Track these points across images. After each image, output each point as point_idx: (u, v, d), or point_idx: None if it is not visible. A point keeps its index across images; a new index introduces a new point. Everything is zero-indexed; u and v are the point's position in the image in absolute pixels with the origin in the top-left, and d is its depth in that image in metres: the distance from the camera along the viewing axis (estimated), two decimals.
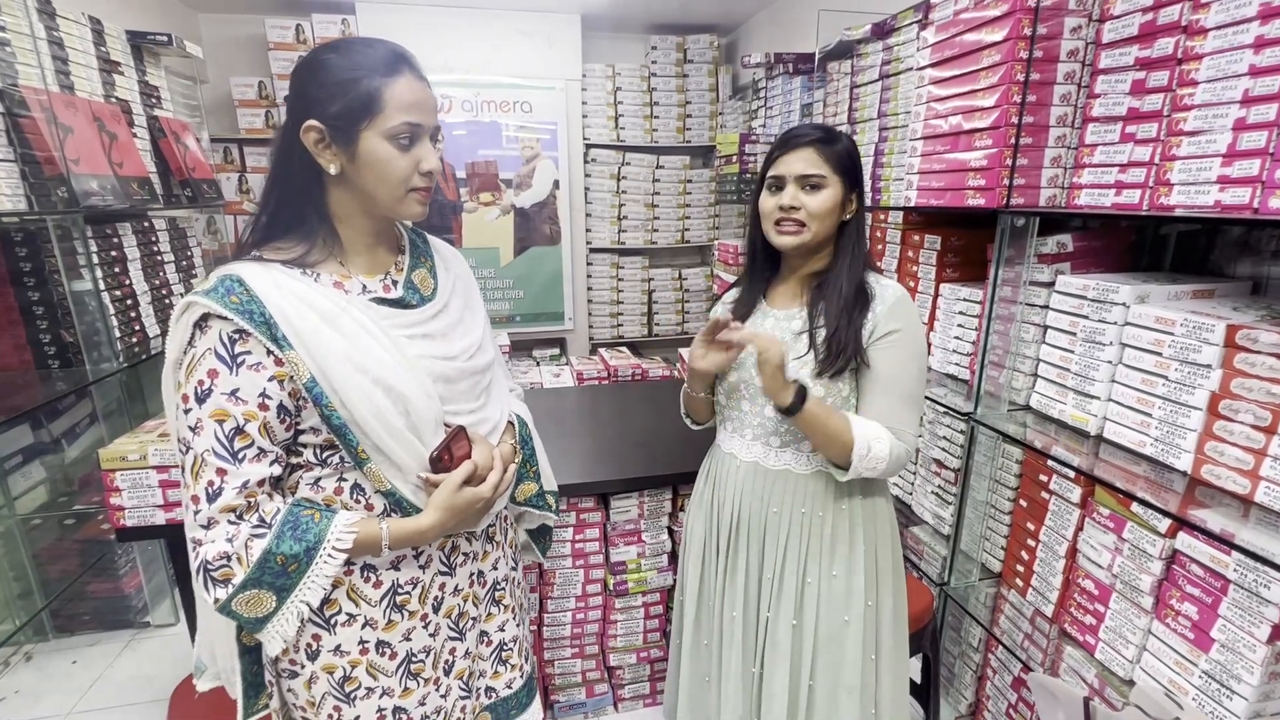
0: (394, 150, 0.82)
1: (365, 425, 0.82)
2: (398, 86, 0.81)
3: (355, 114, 0.80)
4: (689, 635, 1.27)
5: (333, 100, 0.80)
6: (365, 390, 0.82)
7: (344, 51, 0.82)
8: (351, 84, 0.80)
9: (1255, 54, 0.99)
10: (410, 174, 0.84)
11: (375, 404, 0.82)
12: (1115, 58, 1.22)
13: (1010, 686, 1.61)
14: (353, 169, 0.83)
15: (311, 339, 0.80)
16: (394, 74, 0.81)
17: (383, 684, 0.91)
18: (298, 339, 0.80)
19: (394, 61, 0.82)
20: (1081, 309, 1.30)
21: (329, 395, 0.81)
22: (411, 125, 0.82)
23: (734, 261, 3.05)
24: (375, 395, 0.82)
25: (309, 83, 0.81)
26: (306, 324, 0.80)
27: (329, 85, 0.80)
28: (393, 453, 0.84)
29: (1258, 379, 1.01)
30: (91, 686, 1.89)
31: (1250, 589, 1.04)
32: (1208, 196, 1.06)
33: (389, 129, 0.81)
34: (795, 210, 1.07)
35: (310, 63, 0.83)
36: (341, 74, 0.80)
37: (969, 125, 1.42)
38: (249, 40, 3.18)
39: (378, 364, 0.83)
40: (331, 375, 0.80)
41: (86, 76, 2.01)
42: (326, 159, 0.82)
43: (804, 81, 2.54)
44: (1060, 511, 1.42)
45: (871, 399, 1.08)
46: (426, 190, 0.87)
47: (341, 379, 0.81)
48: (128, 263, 2.09)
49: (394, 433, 0.84)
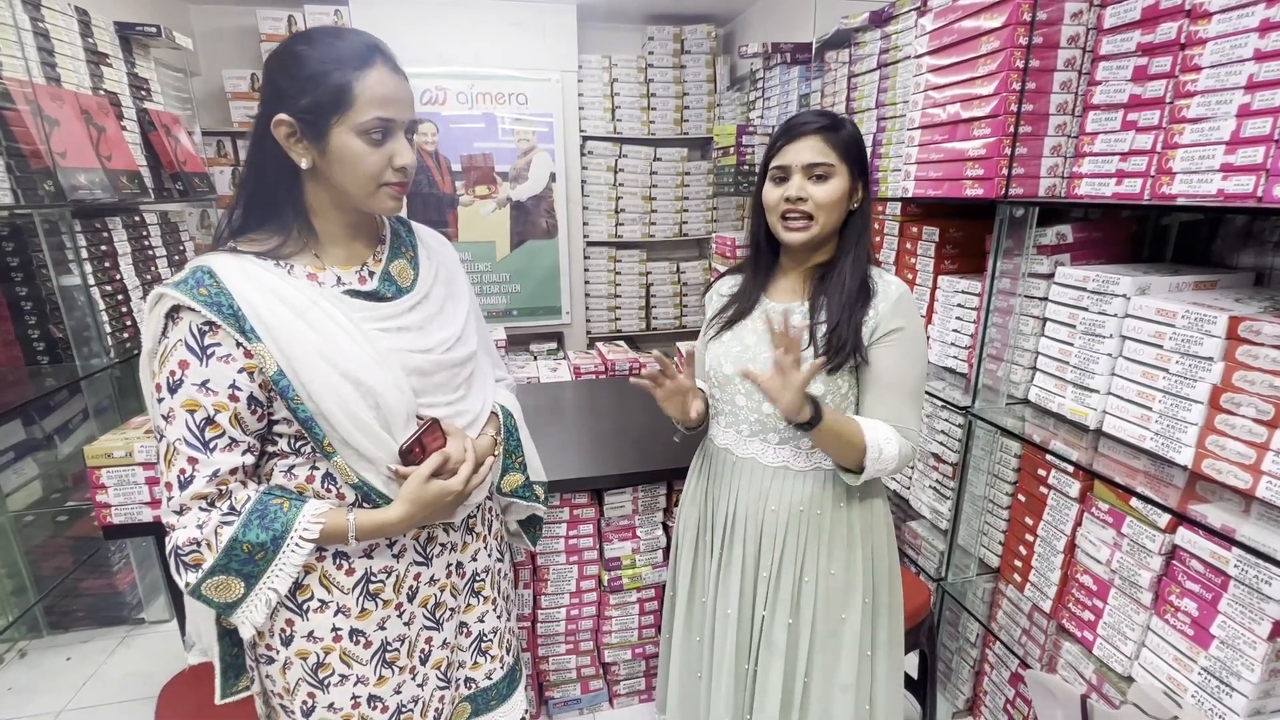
0: (365, 146, 0.81)
1: (332, 418, 0.82)
2: (369, 80, 0.79)
3: (325, 108, 0.79)
4: (680, 630, 1.26)
5: (303, 94, 0.78)
6: (333, 384, 0.81)
7: (315, 43, 0.80)
8: (322, 77, 0.78)
9: (1260, 38, 0.96)
10: (382, 170, 0.83)
11: (342, 397, 0.82)
12: (1117, 43, 1.20)
13: (1008, 682, 1.60)
14: (324, 163, 0.82)
15: (279, 331, 0.80)
16: (365, 67, 0.80)
17: (356, 672, 0.91)
18: (266, 331, 0.79)
19: (366, 54, 0.80)
20: (1081, 301, 1.28)
21: (296, 388, 0.81)
22: (383, 120, 0.81)
23: (732, 254, 3.03)
24: (343, 389, 0.82)
25: (279, 75, 0.80)
26: (275, 316, 0.80)
27: (299, 78, 0.79)
28: (360, 446, 0.84)
29: (1260, 371, 0.99)
30: (85, 683, 1.88)
31: (1251, 585, 1.02)
32: (1211, 185, 1.03)
33: (360, 124, 0.79)
34: (802, 201, 1.03)
35: (281, 54, 0.81)
36: (312, 66, 0.79)
37: (967, 114, 1.40)
38: (241, 32, 3.14)
39: (346, 357, 0.82)
40: (299, 368, 0.80)
41: (73, 68, 1.98)
42: (297, 153, 0.81)
43: (802, 71, 2.51)
44: (1059, 506, 1.40)
45: (875, 397, 1.06)
46: (400, 185, 0.86)
47: (308, 372, 0.80)
48: (118, 257, 2.07)
49: (362, 426, 0.83)
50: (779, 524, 1.11)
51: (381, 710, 0.93)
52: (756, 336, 1.11)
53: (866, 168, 1.06)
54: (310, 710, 0.91)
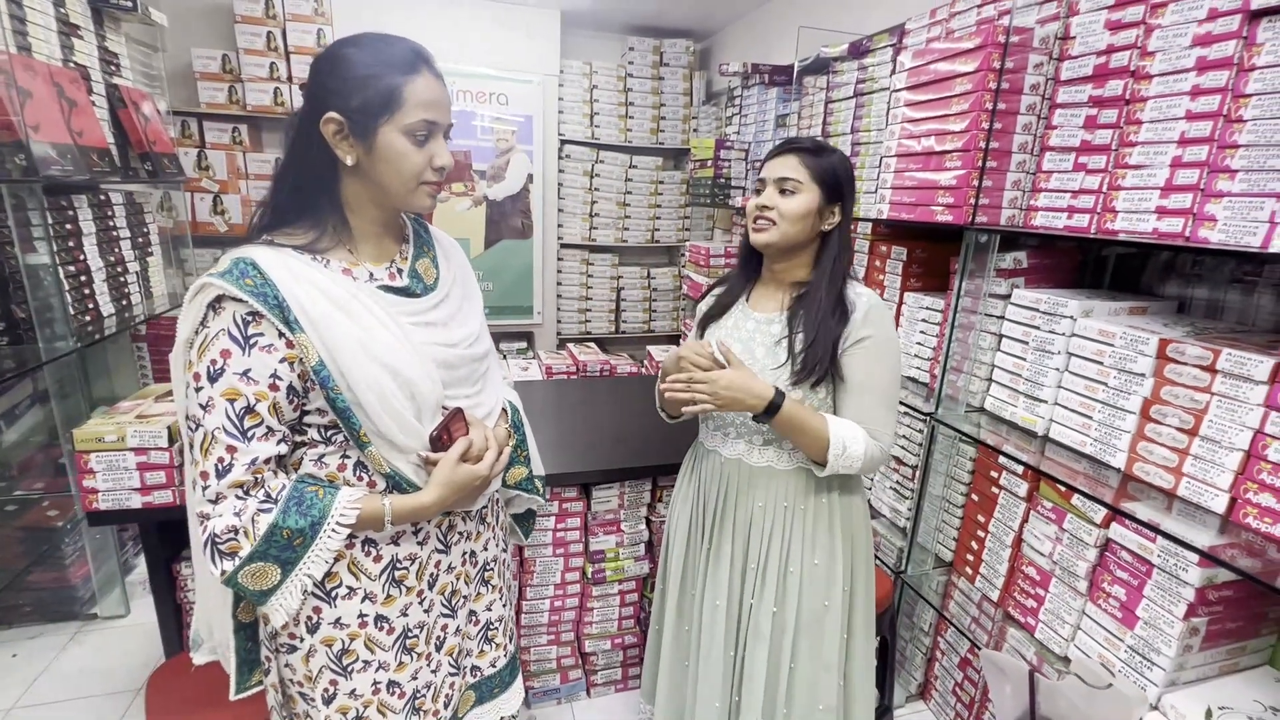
0: (410, 145, 0.85)
1: (369, 409, 0.85)
2: (417, 84, 0.84)
3: (375, 109, 0.83)
4: (670, 622, 1.32)
5: (353, 94, 0.82)
6: (373, 375, 0.84)
7: (365, 47, 0.84)
8: (373, 79, 0.82)
9: (1191, 100, 1.13)
10: (424, 168, 0.87)
11: (381, 388, 0.85)
12: (1072, 94, 1.35)
13: (957, 666, 1.74)
14: (368, 161, 0.85)
15: (322, 323, 0.82)
16: (413, 72, 0.84)
17: (379, 658, 0.93)
18: (309, 322, 0.82)
19: (414, 60, 0.85)
20: (1034, 320, 1.43)
21: (336, 379, 0.83)
22: (429, 123, 0.85)
23: (705, 263, 3.14)
24: (383, 379, 0.85)
25: (329, 75, 0.84)
26: (318, 308, 0.82)
27: (350, 80, 0.82)
28: (394, 435, 0.87)
29: (1183, 387, 1.15)
30: (36, 680, 1.80)
31: (1171, 572, 1.18)
32: (1147, 224, 1.19)
33: (407, 125, 0.84)
34: (768, 210, 1.14)
35: (331, 56, 0.85)
36: (362, 69, 0.83)
37: (940, 147, 1.54)
38: (212, 10, 3.05)
39: (385, 349, 0.86)
40: (340, 359, 0.83)
41: (45, 39, 1.90)
42: (344, 150, 0.85)
43: (780, 93, 2.64)
44: (1008, 505, 1.55)
45: (847, 401, 1.15)
46: (438, 184, 0.91)
47: (349, 363, 0.83)
48: (82, 237, 1.99)
49: (396, 416, 0.87)
50: (766, 519, 1.19)
51: (399, 696, 0.96)
52: (723, 333, 1.22)
53: (843, 195, 1.15)
54: (331, 698, 0.92)
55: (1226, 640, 1.21)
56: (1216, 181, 1.08)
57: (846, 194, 1.16)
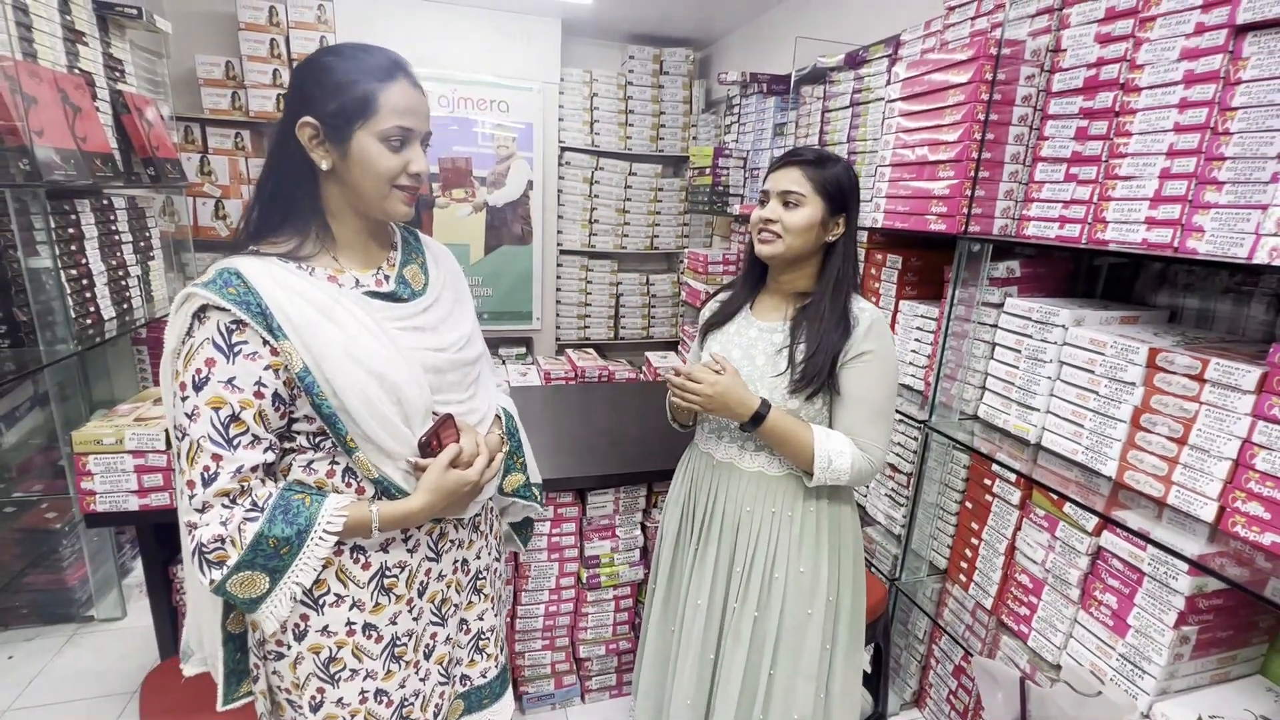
0: (384, 150, 0.86)
1: (356, 415, 0.85)
2: (393, 91, 0.85)
3: (350, 114, 0.84)
4: (655, 620, 1.33)
5: (330, 99, 0.84)
6: (358, 380, 0.85)
7: (344, 55, 0.86)
8: (349, 85, 0.84)
9: (1180, 113, 1.14)
10: (398, 173, 0.88)
11: (367, 394, 0.85)
12: (1063, 105, 1.37)
13: (951, 674, 1.74)
14: (343, 165, 0.86)
15: (306, 330, 0.83)
16: (390, 79, 0.85)
17: (367, 666, 0.93)
18: (293, 329, 0.82)
19: (390, 68, 0.86)
20: (1026, 329, 1.44)
21: (321, 385, 0.83)
22: (404, 129, 0.86)
23: (704, 270, 3.16)
24: (368, 385, 0.85)
25: (308, 81, 0.85)
26: (302, 315, 0.83)
27: (327, 85, 0.84)
28: (381, 441, 0.87)
29: (1173, 396, 1.16)
30: (31, 682, 1.80)
31: (1162, 580, 1.19)
32: (1137, 235, 1.20)
33: (382, 130, 0.85)
34: (773, 223, 1.15)
35: (311, 64, 0.86)
36: (340, 76, 0.84)
37: (934, 157, 1.55)
38: (217, 18, 3.08)
39: (371, 355, 0.86)
40: (325, 365, 0.83)
41: (50, 45, 1.93)
42: (319, 155, 0.86)
43: (778, 102, 2.67)
44: (1001, 513, 1.56)
45: (841, 413, 1.15)
46: (412, 191, 0.91)
47: (334, 369, 0.83)
48: (85, 241, 2.01)
49: (384, 421, 0.87)
50: (754, 523, 1.20)
51: (387, 705, 0.95)
52: (726, 339, 1.24)
53: (848, 205, 1.16)
54: (319, 705, 0.92)
55: (1217, 649, 1.22)
56: (1204, 193, 1.09)
57: (851, 204, 1.16)
